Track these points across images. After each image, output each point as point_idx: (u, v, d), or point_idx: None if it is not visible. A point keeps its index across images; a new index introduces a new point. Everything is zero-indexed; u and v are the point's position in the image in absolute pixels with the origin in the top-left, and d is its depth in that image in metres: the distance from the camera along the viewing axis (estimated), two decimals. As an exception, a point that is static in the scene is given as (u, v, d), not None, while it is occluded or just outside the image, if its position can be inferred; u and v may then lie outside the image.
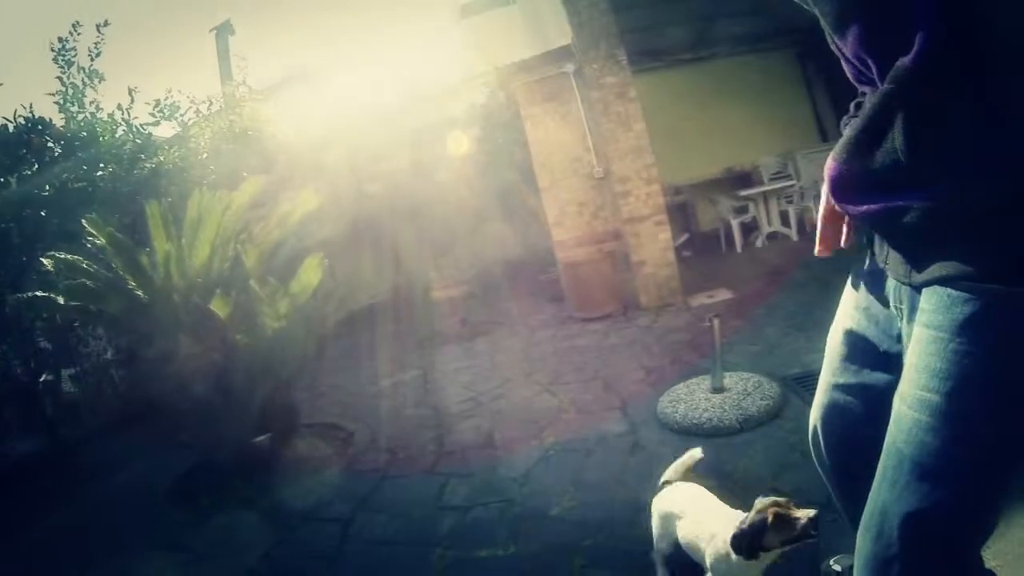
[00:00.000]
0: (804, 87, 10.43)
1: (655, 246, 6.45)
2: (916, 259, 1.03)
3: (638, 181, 6.38)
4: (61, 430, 6.01)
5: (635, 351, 5.31)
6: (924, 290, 1.02)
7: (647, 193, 6.36)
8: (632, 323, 6.23)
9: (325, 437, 4.90)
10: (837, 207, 1.17)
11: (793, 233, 8.66)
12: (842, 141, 1.05)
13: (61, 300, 4.09)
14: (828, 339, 1.43)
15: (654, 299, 6.50)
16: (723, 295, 6.36)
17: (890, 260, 1.13)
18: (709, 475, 2.92)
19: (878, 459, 1.14)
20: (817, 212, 1.29)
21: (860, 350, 1.34)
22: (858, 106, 1.25)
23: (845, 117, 1.19)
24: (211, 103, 7.29)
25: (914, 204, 0.95)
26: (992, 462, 1.00)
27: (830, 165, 1.08)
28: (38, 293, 4.33)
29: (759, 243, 8.73)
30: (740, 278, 6.93)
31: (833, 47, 1.09)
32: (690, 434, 3.48)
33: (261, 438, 4.53)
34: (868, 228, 1.20)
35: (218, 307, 4.06)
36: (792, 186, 8.87)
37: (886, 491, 1.08)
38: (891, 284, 1.21)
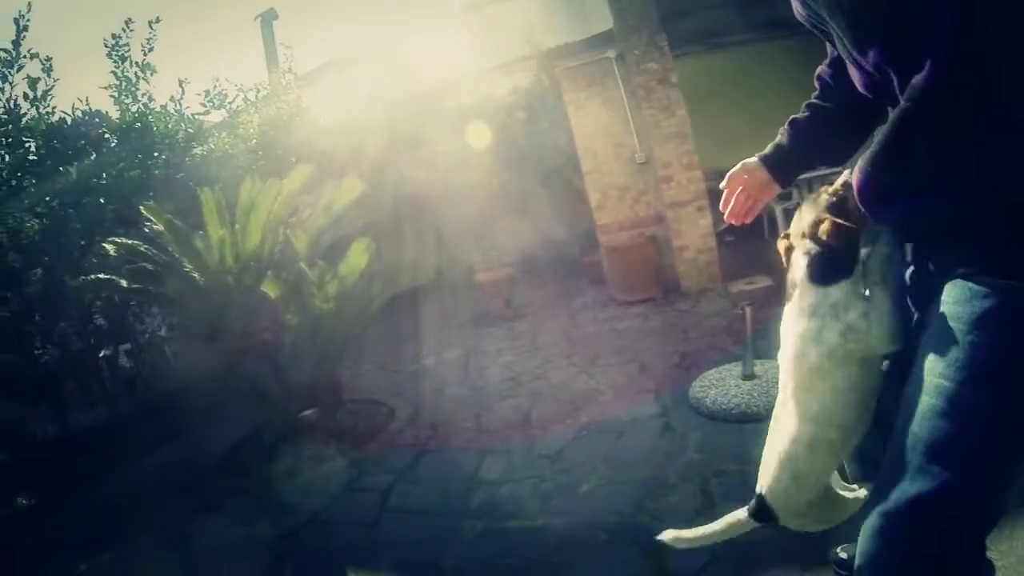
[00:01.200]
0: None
1: (696, 232, 6.57)
2: (939, 254, 1.10)
3: (679, 167, 6.49)
4: (119, 403, 6.43)
5: (673, 335, 5.45)
6: (946, 284, 1.08)
7: (688, 179, 6.48)
8: (672, 307, 6.37)
9: (368, 413, 5.20)
10: (864, 213, 1.20)
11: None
12: (867, 154, 1.11)
13: (124, 283, 4.44)
14: None
15: (694, 284, 6.63)
16: (763, 282, 6.44)
17: (913, 254, 1.22)
18: (732, 460, 3.11)
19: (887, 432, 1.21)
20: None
21: None
22: (808, 107, 1.52)
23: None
24: (258, 91, 7.60)
25: (937, 206, 1.03)
26: (1002, 451, 1.04)
27: (856, 176, 1.14)
28: (101, 276, 4.66)
29: (803, 229, 8.71)
30: (781, 265, 6.96)
31: (847, 57, 1.18)
32: (719, 419, 3.61)
33: (307, 412, 4.85)
34: (894, 228, 1.30)
35: (269, 288, 4.37)
36: (838, 172, 8.82)
37: (897, 472, 1.11)
38: (908, 273, 1.28)
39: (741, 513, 1.60)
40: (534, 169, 8.62)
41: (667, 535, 1.72)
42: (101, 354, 6.43)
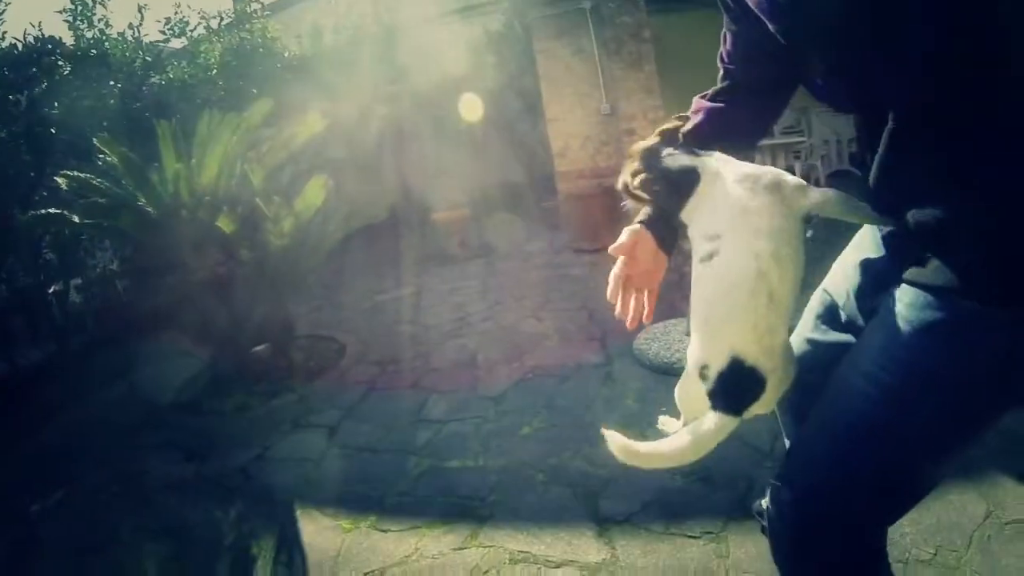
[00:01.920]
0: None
1: (655, 186, 6.68)
2: (907, 255, 1.09)
3: (644, 121, 6.59)
4: (69, 340, 6.41)
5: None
6: (904, 283, 1.08)
7: (652, 133, 6.56)
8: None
9: (319, 349, 5.32)
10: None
11: (796, 188, 8.75)
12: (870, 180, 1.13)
13: (76, 218, 4.45)
14: (813, 296, 1.48)
15: (651, 238, 6.76)
16: (716, 239, 6.61)
17: (886, 245, 1.24)
18: (669, 414, 3.26)
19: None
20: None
21: (830, 312, 1.40)
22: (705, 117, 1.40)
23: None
24: (221, 18, 7.45)
25: (918, 218, 1.02)
26: (920, 450, 1.08)
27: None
28: (52, 210, 4.66)
29: (762, 192, 8.84)
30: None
31: (810, 72, 1.14)
32: (660, 372, 3.75)
33: (259, 348, 4.94)
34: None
35: (224, 224, 4.40)
36: (802, 143, 8.94)
37: (821, 441, 1.17)
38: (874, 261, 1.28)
39: (710, 418, 1.20)
40: (499, 113, 8.62)
41: (614, 441, 1.27)
42: (51, 289, 6.37)
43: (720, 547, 2.31)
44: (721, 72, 1.38)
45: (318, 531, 2.90)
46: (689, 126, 1.39)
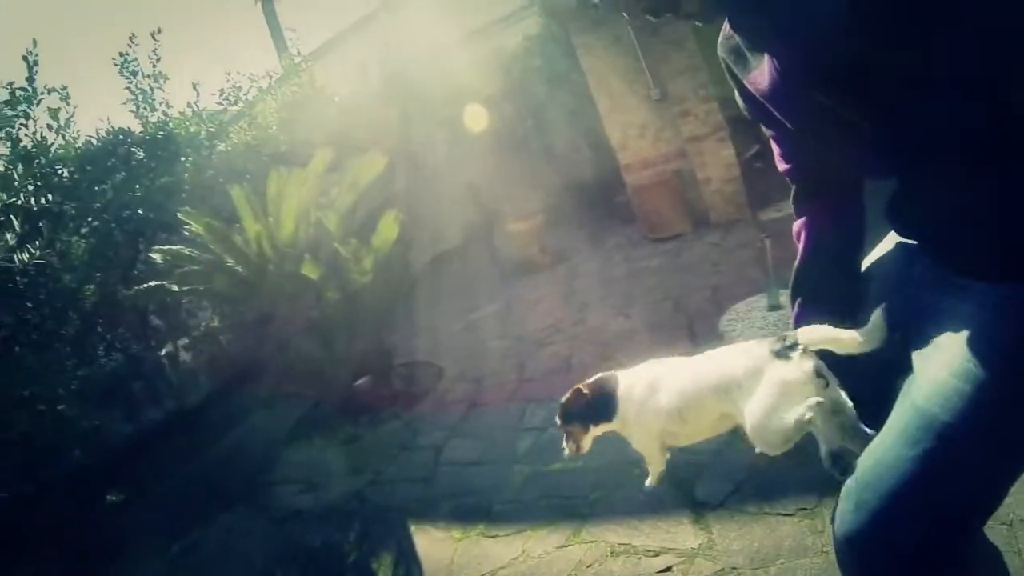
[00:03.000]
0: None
1: (719, 163, 6.68)
2: (976, 250, 1.09)
3: (695, 100, 6.58)
4: (185, 396, 6.96)
5: (704, 269, 5.61)
6: (970, 283, 1.08)
7: (706, 111, 6.56)
8: (702, 240, 6.50)
9: (418, 374, 5.60)
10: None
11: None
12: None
13: (174, 287, 4.91)
14: None
15: (722, 215, 6.75)
16: (791, 207, 6.53)
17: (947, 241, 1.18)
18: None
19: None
20: None
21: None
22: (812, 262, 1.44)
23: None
24: (270, 76, 7.92)
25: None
26: (1019, 447, 1.05)
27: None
28: (152, 283, 5.13)
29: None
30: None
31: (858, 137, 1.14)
32: None
33: (360, 381, 5.30)
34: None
35: (309, 271, 4.71)
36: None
37: (902, 445, 1.08)
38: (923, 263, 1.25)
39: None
40: (555, 114, 8.70)
41: None
42: (162, 352, 6.95)
43: (815, 523, 2.36)
44: (789, 180, 1.44)
45: (432, 543, 3.18)
46: (799, 260, 1.46)
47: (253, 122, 7.47)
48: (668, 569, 2.46)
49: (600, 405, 1.63)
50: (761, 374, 1.32)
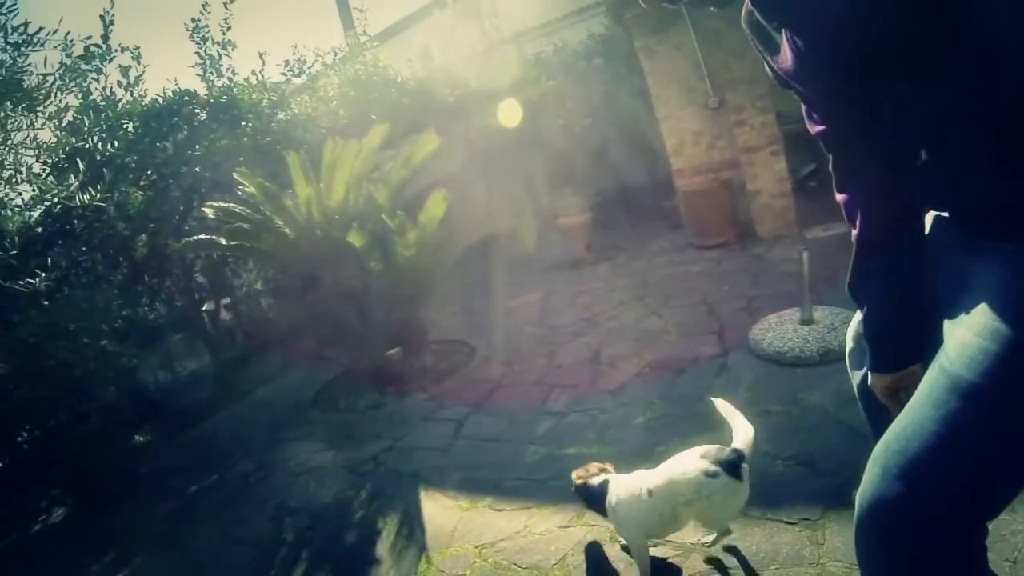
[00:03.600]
0: None
1: (770, 176, 6.59)
2: (997, 230, 1.09)
3: (752, 111, 6.51)
4: (221, 352, 7.15)
5: (743, 279, 5.56)
6: (1001, 251, 1.07)
7: (762, 123, 6.49)
8: (746, 252, 6.45)
9: (450, 352, 5.67)
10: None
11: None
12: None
13: (223, 241, 5.02)
14: None
15: (769, 229, 6.67)
16: (839, 228, 6.41)
17: (973, 207, 1.17)
18: (779, 402, 3.32)
19: None
20: None
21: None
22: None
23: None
24: (335, 53, 8.02)
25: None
26: None
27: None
28: (201, 237, 5.29)
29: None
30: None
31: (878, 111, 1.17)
32: (773, 362, 3.77)
33: (393, 351, 5.39)
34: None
35: (354, 239, 4.80)
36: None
37: (929, 409, 1.06)
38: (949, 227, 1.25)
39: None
40: (612, 114, 8.68)
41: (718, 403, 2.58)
42: (204, 308, 7.16)
43: (816, 534, 2.34)
44: (822, 143, 1.35)
45: (440, 510, 3.23)
46: (856, 233, 1.35)
47: (315, 95, 7.57)
48: (664, 559, 2.47)
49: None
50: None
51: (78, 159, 5.30)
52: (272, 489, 4.05)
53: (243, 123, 6.85)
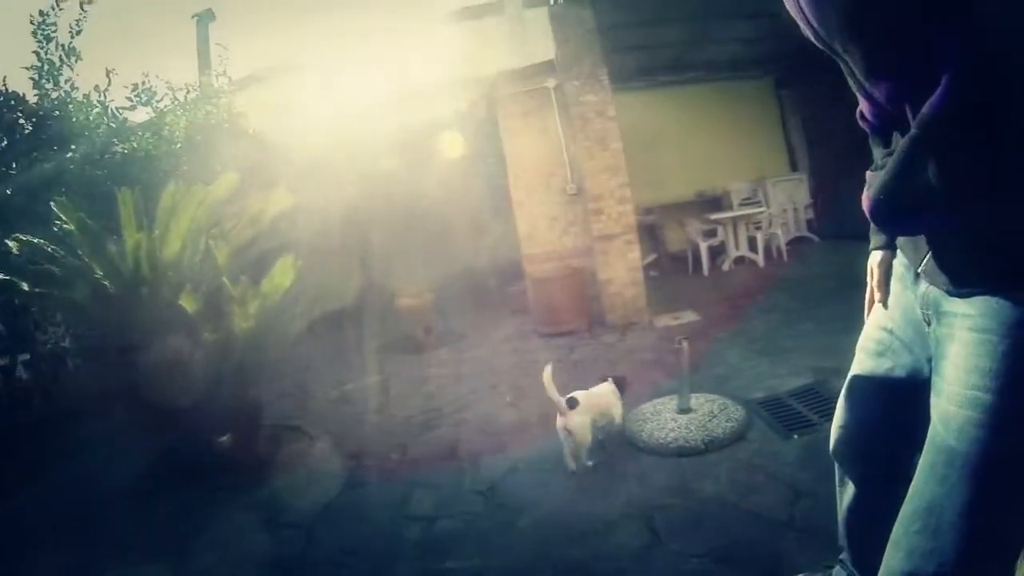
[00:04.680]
0: (778, 115, 10.69)
1: (623, 265, 6.50)
2: (957, 270, 1.09)
3: (611, 200, 6.43)
4: (14, 417, 5.86)
5: (600, 368, 5.28)
6: (969, 298, 1.07)
7: (619, 212, 6.42)
8: (597, 340, 6.27)
9: (288, 440, 4.86)
10: (875, 227, 1.37)
11: (760, 259, 8.80)
12: (877, 181, 1.08)
13: (25, 286, 3.99)
14: (860, 339, 1.52)
15: (620, 317, 6.55)
16: (688, 317, 6.43)
17: (927, 268, 1.18)
18: (673, 495, 2.98)
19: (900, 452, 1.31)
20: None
21: (892, 350, 1.42)
22: (886, 143, 1.28)
23: (878, 157, 1.24)
24: (188, 91, 7.12)
25: (953, 226, 1.04)
26: None
27: (866, 199, 1.12)
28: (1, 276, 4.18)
29: (726, 267, 8.87)
30: (706, 301, 7.03)
31: (855, 87, 1.16)
32: (656, 453, 3.48)
33: (222, 438, 4.46)
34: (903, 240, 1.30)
35: (187, 303, 3.99)
36: (761, 212, 9.04)
37: (935, 487, 1.10)
38: (922, 289, 1.26)
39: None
40: (466, 194, 8.45)
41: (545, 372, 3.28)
42: (-2, 363, 5.83)
43: None
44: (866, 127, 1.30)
45: None
46: None
47: (159, 133, 6.62)
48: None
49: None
50: None
51: None
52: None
53: (73, 147, 5.83)
